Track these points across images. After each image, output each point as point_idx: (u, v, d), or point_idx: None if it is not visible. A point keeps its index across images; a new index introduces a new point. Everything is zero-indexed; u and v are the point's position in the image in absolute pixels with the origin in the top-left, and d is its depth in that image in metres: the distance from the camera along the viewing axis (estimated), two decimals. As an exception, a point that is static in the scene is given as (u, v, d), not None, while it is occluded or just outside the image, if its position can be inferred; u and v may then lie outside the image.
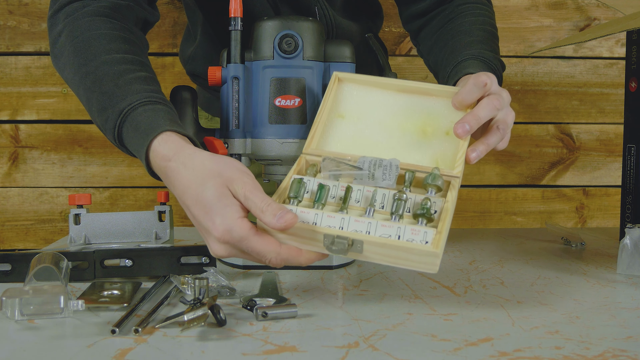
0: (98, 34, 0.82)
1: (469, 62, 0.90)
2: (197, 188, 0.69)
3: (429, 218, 0.68)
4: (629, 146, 0.98)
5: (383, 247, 0.65)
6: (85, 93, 0.81)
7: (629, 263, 0.84)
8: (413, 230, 0.66)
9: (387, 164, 0.72)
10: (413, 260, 0.65)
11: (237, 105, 0.86)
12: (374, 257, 0.66)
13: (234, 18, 0.84)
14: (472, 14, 0.99)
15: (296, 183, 0.71)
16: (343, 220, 0.67)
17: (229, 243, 0.67)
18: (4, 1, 1.67)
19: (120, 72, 0.79)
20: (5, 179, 1.72)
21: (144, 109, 0.75)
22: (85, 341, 0.58)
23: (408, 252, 0.64)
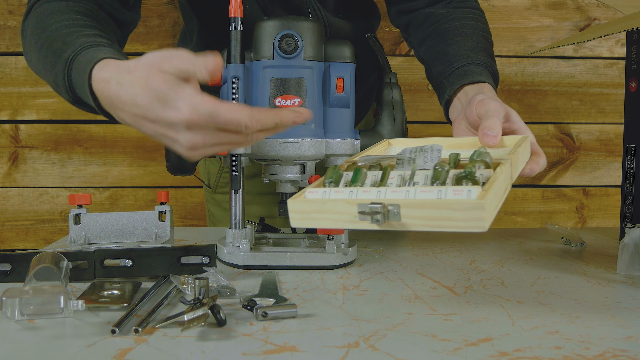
0: (51, 11, 0.83)
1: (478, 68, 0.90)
2: (145, 87, 0.65)
3: (473, 181, 0.60)
4: (629, 146, 0.98)
5: (423, 208, 0.58)
6: (43, 66, 0.80)
7: (629, 263, 0.84)
8: (455, 191, 0.58)
9: (429, 148, 0.67)
10: (457, 219, 0.56)
11: (237, 105, 0.86)
12: (414, 224, 0.58)
13: (234, 18, 0.85)
14: (472, 18, 1.00)
15: (331, 170, 0.67)
16: (379, 192, 0.61)
17: (199, 125, 0.63)
18: (4, 1, 1.67)
19: (69, 33, 0.79)
20: (5, 179, 1.72)
21: (86, 52, 0.74)
22: (85, 341, 0.58)
23: (450, 208, 0.56)
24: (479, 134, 0.74)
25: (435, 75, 0.97)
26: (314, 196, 0.64)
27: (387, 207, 0.59)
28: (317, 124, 0.87)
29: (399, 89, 0.92)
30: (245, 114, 0.63)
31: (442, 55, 0.95)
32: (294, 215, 0.63)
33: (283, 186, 0.90)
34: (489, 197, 0.57)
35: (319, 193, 0.64)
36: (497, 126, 0.74)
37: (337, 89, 0.87)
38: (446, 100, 0.92)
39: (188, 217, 1.78)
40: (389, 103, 0.91)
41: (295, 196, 0.64)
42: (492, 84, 0.90)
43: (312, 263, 0.86)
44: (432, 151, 0.67)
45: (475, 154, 0.66)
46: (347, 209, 0.61)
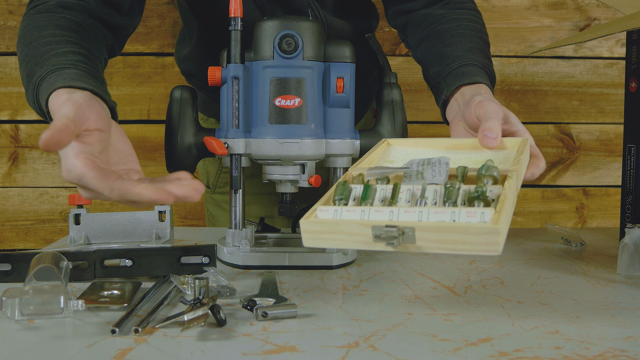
0: (33, 27, 0.84)
1: (475, 69, 0.90)
2: None
3: (485, 201, 0.61)
4: (629, 146, 0.98)
5: (437, 231, 0.58)
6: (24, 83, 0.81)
7: (629, 263, 0.84)
8: (469, 213, 0.58)
9: (436, 161, 0.67)
10: (472, 243, 0.57)
11: (237, 105, 0.86)
12: (428, 246, 0.59)
13: (234, 18, 0.85)
14: (469, 19, 1.00)
15: (340, 186, 0.66)
16: (392, 213, 0.61)
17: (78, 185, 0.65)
18: (4, 1, 1.67)
19: (43, 52, 0.79)
20: (5, 179, 1.72)
21: (51, 77, 0.75)
22: (85, 341, 0.58)
23: (465, 232, 0.57)
24: (479, 136, 0.75)
25: (433, 76, 0.97)
26: (325, 215, 0.63)
27: (402, 230, 0.59)
28: (317, 124, 0.87)
29: (399, 89, 0.92)
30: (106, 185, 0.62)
31: (439, 56, 0.96)
32: (307, 235, 0.63)
33: (283, 186, 0.90)
34: (502, 221, 0.57)
35: (330, 212, 0.63)
36: (496, 128, 0.75)
37: (337, 89, 0.87)
38: (443, 100, 0.92)
39: (188, 217, 1.78)
40: (389, 103, 0.91)
41: (307, 215, 0.63)
42: (489, 85, 0.90)
43: (312, 263, 0.86)
44: (439, 164, 0.67)
45: (483, 168, 0.66)
46: (361, 230, 0.60)
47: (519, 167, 0.68)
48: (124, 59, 1.71)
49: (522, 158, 0.71)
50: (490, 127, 0.75)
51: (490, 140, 0.74)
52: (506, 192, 0.62)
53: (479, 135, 0.75)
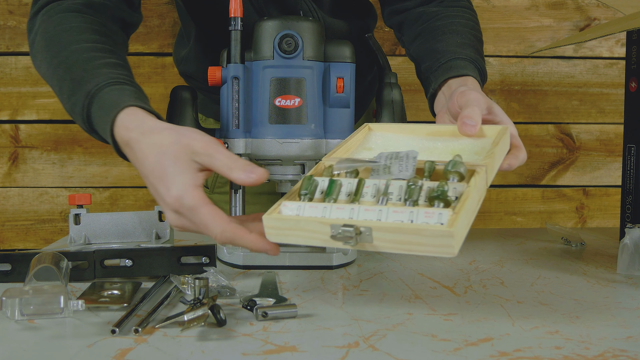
0: (68, 27, 0.83)
1: (464, 63, 0.90)
2: (155, 156, 0.68)
3: (445, 201, 0.61)
4: (629, 146, 0.98)
5: (393, 232, 0.59)
6: (58, 83, 0.81)
7: (629, 263, 0.84)
8: (427, 213, 0.59)
9: (404, 155, 0.67)
10: (427, 244, 0.58)
11: (237, 105, 0.86)
12: (385, 246, 0.60)
13: (234, 18, 0.85)
14: (463, 17, 1.01)
15: (306, 180, 0.67)
16: (352, 210, 0.62)
17: (180, 212, 0.66)
18: (4, 1, 1.67)
19: (89, 58, 0.79)
20: (5, 179, 1.72)
21: (110, 89, 0.75)
22: (85, 341, 0.58)
23: (420, 234, 0.57)
24: (458, 123, 0.74)
25: (423, 71, 0.97)
26: (289, 211, 0.64)
27: (359, 229, 0.60)
28: (317, 124, 0.87)
29: (399, 89, 0.92)
30: (219, 225, 0.64)
31: (430, 52, 0.96)
32: (269, 230, 0.64)
33: (283, 186, 0.90)
34: (459, 222, 0.57)
35: (293, 208, 0.64)
36: (476, 115, 0.74)
37: (337, 89, 0.87)
38: (431, 93, 0.92)
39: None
40: (389, 103, 0.91)
41: (271, 211, 0.64)
42: (477, 79, 0.90)
43: (312, 263, 0.86)
44: (407, 159, 0.67)
45: (450, 164, 0.65)
46: (320, 228, 0.62)
47: (490, 161, 0.67)
48: (124, 59, 1.71)
49: (496, 150, 0.70)
50: (469, 114, 0.73)
51: (468, 128, 0.73)
52: (470, 190, 0.62)
53: (458, 123, 0.74)
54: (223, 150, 0.67)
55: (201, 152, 0.66)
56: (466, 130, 0.73)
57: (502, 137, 0.73)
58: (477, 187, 0.63)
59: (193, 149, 0.67)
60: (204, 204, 0.65)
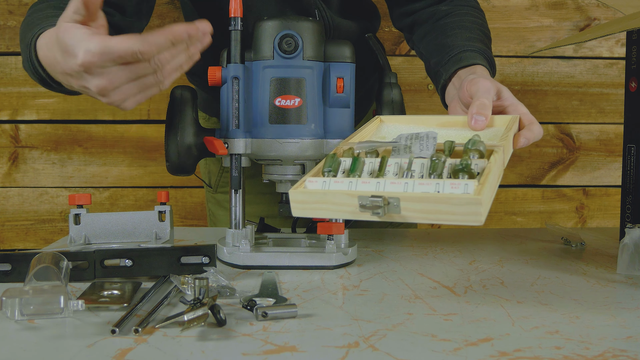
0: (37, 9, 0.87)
1: (473, 54, 0.92)
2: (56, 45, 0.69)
3: (469, 173, 0.63)
4: (629, 146, 0.98)
5: (422, 201, 0.60)
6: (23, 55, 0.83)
7: (629, 263, 0.84)
8: (453, 184, 0.61)
9: (424, 135, 0.69)
10: (455, 213, 0.59)
11: (237, 105, 0.86)
12: (413, 216, 0.61)
13: (234, 18, 0.85)
14: (472, 15, 1.03)
15: (330, 157, 0.68)
16: (379, 184, 0.63)
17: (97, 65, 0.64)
18: (4, 1, 1.67)
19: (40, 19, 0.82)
20: (5, 179, 1.72)
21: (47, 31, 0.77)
22: (85, 341, 0.58)
23: (448, 203, 0.59)
24: (468, 118, 0.77)
25: (433, 66, 0.98)
26: (314, 186, 0.66)
27: (387, 200, 0.61)
28: (317, 124, 0.87)
29: (399, 89, 0.93)
30: (135, 39, 0.63)
31: (440, 47, 0.97)
32: (295, 205, 0.65)
33: (283, 186, 0.90)
34: (485, 192, 0.59)
35: (318, 183, 0.65)
36: (486, 108, 0.77)
37: (337, 89, 0.87)
38: (442, 85, 0.93)
39: (188, 217, 1.78)
40: (389, 103, 0.91)
41: (296, 186, 0.66)
42: (486, 67, 0.92)
43: (312, 263, 0.86)
44: (427, 139, 0.69)
45: (469, 142, 0.68)
46: (348, 200, 0.63)
47: (506, 142, 0.70)
48: (124, 59, 1.71)
49: (510, 134, 0.72)
50: (478, 107, 0.76)
51: (478, 124, 0.76)
52: (491, 165, 0.64)
53: (468, 117, 0.77)
54: None
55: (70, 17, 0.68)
56: (475, 125, 0.76)
57: (513, 124, 0.76)
58: (497, 164, 0.65)
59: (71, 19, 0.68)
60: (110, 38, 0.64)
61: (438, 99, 0.99)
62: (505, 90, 0.83)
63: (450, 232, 1.15)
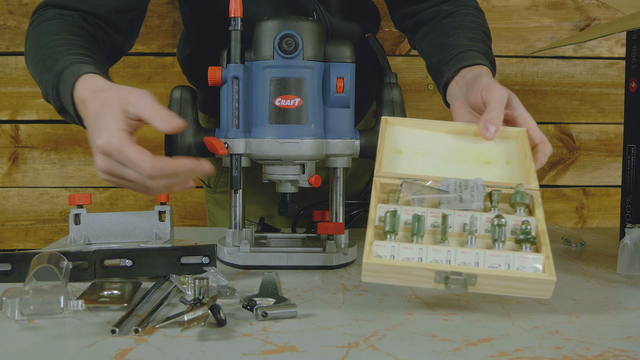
0: (47, 31, 0.88)
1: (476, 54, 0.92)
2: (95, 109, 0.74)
3: (532, 242, 0.68)
4: (629, 146, 0.98)
5: (497, 279, 0.65)
6: (39, 79, 0.87)
7: (629, 263, 0.84)
8: (522, 258, 0.66)
9: (473, 184, 0.72)
10: (528, 289, 0.65)
11: (237, 105, 0.86)
12: (487, 289, 0.66)
13: (234, 18, 0.84)
14: (473, 15, 1.03)
15: (391, 216, 0.70)
16: (449, 253, 0.67)
17: (109, 154, 0.71)
18: (4, 1, 1.67)
19: (61, 51, 0.85)
20: (5, 179, 1.72)
21: (74, 66, 0.81)
22: (85, 341, 0.58)
23: (523, 282, 0.65)
24: (480, 126, 0.79)
25: (435, 64, 0.98)
26: (384, 251, 0.67)
27: (466, 276, 0.65)
28: (317, 124, 0.86)
29: (399, 89, 0.92)
30: (147, 159, 0.69)
31: (442, 46, 0.98)
32: (368, 273, 0.66)
33: (283, 186, 0.90)
34: (553, 270, 0.65)
35: (387, 248, 0.67)
36: (497, 120, 0.79)
37: (337, 89, 0.87)
38: (444, 83, 0.93)
39: (188, 217, 1.78)
40: (389, 103, 0.91)
41: (367, 254, 0.67)
42: (488, 67, 0.92)
43: (312, 263, 0.86)
44: (477, 188, 0.72)
45: (518, 195, 0.72)
46: (425, 273, 0.65)
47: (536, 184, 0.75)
48: (123, 59, 1.71)
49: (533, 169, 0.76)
50: (492, 119, 0.79)
51: (489, 133, 0.79)
52: (542, 225, 0.70)
53: (480, 125, 0.79)
54: (152, 101, 0.72)
55: (132, 102, 0.72)
56: (487, 134, 0.79)
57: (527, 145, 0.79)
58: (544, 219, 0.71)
59: (127, 100, 0.73)
60: (129, 144, 0.70)
61: (438, 99, 0.99)
62: (515, 98, 0.85)
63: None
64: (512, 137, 0.81)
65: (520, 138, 0.81)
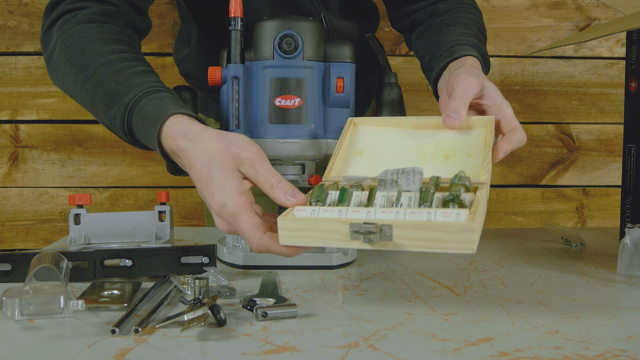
0: (90, 39, 0.83)
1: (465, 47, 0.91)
2: (203, 162, 0.71)
3: (460, 203, 0.63)
4: (629, 146, 0.98)
5: (415, 228, 0.60)
6: (88, 97, 0.82)
7: (629, 263, 0.84)
8: (444, 213, 0.61)
9: (410, 170, 0.69)
10: (448, 240, 0.59)
11: (237, 105, 0.86)
12: (406, 244, 0.61)
13: (234, 18, 0.84)
14: (470, 12, 1.03)
15: (318, 189, 0.69)
16: (369, 212, 0.63)
17: (223, 217, 0.69)
18: (4, 1, 1.67)
19: (119, 70, 0.80)
20: (5, 179, 1.72)
21: (148, 99, 0.77)
22: (85, 341, 0.58)
23: (442, 230, 0.59)
24: (443, 116, 0.76)
25: (427, 62, 0.97)
26: (303, 214, 0.65)
27: (379, 226, 0.61)
28: (317, 123, 0.87)
29: (399, 89, 0.92)
30: (256, 235, 0.68)
31: (435, 44, 0.97)
32: (284, 232, 0.65)
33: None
34: (477, 220, 0.59)
35: (307, 211, 0.65)
36: (461, 109, 0.76)
37: (337, 89, 0.87)
38: (434, 79, 0.92)
39: (188, 217, 1.78)
40: (389, 103, 0.91)
41: (285, 213, 0.65)
42: (478, 57, 0.90)
43: (312, 263, 0.86)
44: (414, 174, 0.69)
45: (456, 177, 0.68)
46: (339, 227, 0.62)
47: (487, 176, 0.70)
48: (124, 59, 1.71)
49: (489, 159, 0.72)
50: (453, 107, 0.76)
51: (452, 121, 0.75)
52: (479, 198, 0.65)
53: (442, 115, 0.76)
54: (267, 165, 0.70)
55: (247, 163, 0.70)
56: (449, 123, 0.75)
57: (491, 134, 0.75)
58: (484, 198, 0.66)
59: (239, 159, 0.70)
60: (244, 212, 0.68)
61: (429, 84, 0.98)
62: (490, 87, 0.81)
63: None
64: (479, 127, 0.77)
65: (487, 127, 0.76)
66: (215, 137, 0.72)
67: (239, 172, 0.70)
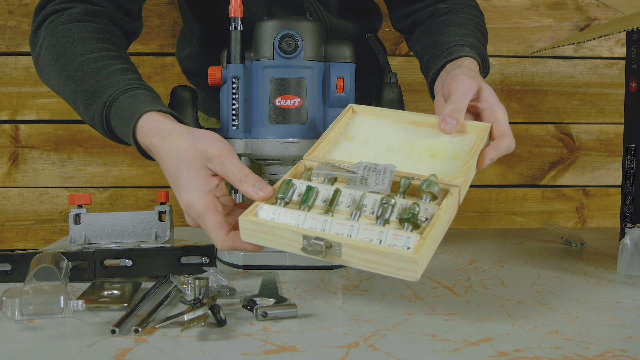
0: (72, 39, 0.84)
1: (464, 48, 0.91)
2: (172, 160, 0.72)
3: (414, 224, 0.64)
4: (629, 146, 0.98)
5: (361, 250, 0.61)
6: (71, 95, 0.83)
7: (629, 263, 0.84)
8: (395, 235, 0.62)
9: (382, 168, 0.69)
10: (392, 267, 0.61)
11: (237, 105, 0.86)
12: (352, 262, 0.62)
13: (234, 18, 0.85)
14: (470, 13, 1.02)
15: (284, 184, 0.69)
16: (325, 222, 0.64)
17: (189, 215, 0.70)
18: (4, 1, 1.67)
19: (99, 68, 0.81)
20: (5, 179, 1.72)
21: (124, 97, 0.78)
22: (85, 341, 0.58)
23: (386, 257, 0.60)
24: (439, 120, 0.76)
25: (425, 63, 0.97)
26: (265, 214, 0.67)
27: (329, 244, 0.62)
28: (317, 123, 0.87)
29: (398, 89, 0.92)
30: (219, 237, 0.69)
31: (434, 44, 0.96)
32: (244, 231, 0.66)
33: (283, 186, 0.90)
34: (424, 250, 0.60)
35: (269, 212, 0.67)
36: (456, 113, 0.76)
37: (337, 89, 0.87)
38: (430, 80, 0.92)
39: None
40: (389, 103, 0.91)
41: (247, 213, 0.67)
42: (476, 59, 0.89)
43: (312, 263, 0.86)
44: (384, 172, 0.69)
45: (424, 183, 0.68)
46: (293, 237, 0.64)
47: (465, 179, 0.70)
48: (124, 59, 1.71)
49: (472, 162, 0.72)
50: (450, 112, 0.76)
51: (448, 127, 0.75)
52: (440, 213, 0.65)
53: (439, 119, 0.76)
54: (235, 160, 0.70)
55: (215, 160, 0.70)
56: (445, 128, 0.75)
57: (481, 141, 0.75)
58: (448, 210, 0.66)
59: (207, 156, 0.70)
60: (208, 212, 0.69)
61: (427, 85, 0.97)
62: (486, 89, 0.80)
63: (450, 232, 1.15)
64: (472, 132, 0.77)
65: (480, 133, 0.76)
66: (185, 134, 0.72)
67: (208, 169, 0.71)
